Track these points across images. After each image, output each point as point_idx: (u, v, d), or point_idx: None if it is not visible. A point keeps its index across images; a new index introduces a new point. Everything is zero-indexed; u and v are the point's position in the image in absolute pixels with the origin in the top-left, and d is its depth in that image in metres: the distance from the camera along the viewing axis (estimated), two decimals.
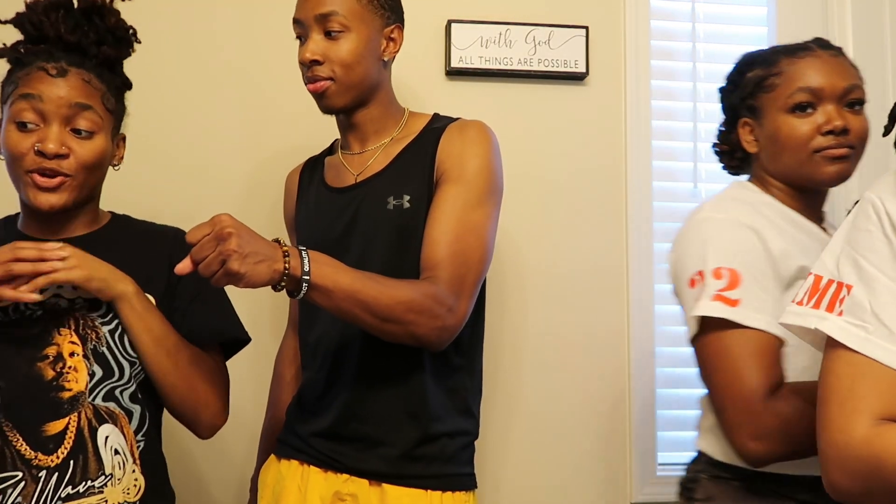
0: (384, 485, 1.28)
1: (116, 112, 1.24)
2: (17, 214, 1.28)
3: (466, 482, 1.34)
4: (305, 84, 1.37)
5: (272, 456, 1.43)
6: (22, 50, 1.21)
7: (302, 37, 1.37)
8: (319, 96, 1.36)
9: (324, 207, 1.42)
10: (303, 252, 1.12)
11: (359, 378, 1.32)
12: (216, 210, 1.70)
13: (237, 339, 1.30)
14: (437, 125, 1.39)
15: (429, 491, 1.29)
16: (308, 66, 1.34)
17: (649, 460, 1.81)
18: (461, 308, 1.26)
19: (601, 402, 1.82)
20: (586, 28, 1.85)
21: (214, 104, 1.77)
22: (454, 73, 1.83)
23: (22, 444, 1.11)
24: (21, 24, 1.21)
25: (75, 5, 1.21)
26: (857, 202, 0.98)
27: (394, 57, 1.41)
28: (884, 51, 1.85)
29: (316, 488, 1.32)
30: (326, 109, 1.38)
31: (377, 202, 1.34)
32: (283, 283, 1.09)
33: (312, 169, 1.51)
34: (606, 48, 1.88)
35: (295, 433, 1.39)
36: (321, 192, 1.45)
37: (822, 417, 0.88)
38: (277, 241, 1.11)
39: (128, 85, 1.28)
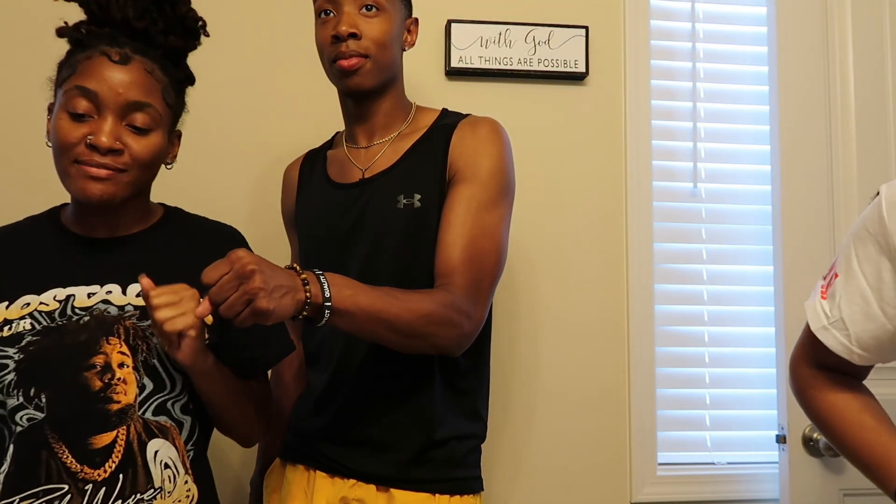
0: (392, 490, 1.27)
1: (175, 107, 1.18)
2: (61, 208, 1.23)
3: (473, 485, 1.33)
4: (333, 61, 1.31)
5: (277, 460, 1.42)
6: (84, 31, 1.14)
7: (330, 11, 1.32)
8: (350, 73, 1.30)
9: (328, 203, 1.38)
10: (320, 276, 1.06)
11: (365, 380, 1.30)
12: (223, 206, 1.71)
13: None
14: (447, 121, 1.37)
15: (437, 495, 1.27)
16: (342, 40, 1.29)
17: (649, 460, 1.81)
18: (478, 313, 1.24)
19: (601, 402, 1.82)
20: (586, 28, 1.84)
21: (220, 101, 1.77)
22: (454, 73, 1.82)
23: (68, 457, 1.05)
24: (87, 3, 1.14)
25: None
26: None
27: (406, 50, 1.40)
28: (884, 51, 1.85)
29: (322, 493, 1.31)
30: (354, 88, 1.32)
31: (387, 200, 1.31)
32: (305, 312, 1.04)
33: (313, 163, 1.48)
34: (606, 48, 1.88)
35: (300, 436, 1.37)
36: (324, 187, 1.41)
37: (797, 344, 1.15)
38: (293, 268, 1.06)
39: (191, 80, 1.22)
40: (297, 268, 1.06)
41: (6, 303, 1.11)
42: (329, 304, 1.06)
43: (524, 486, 1.78)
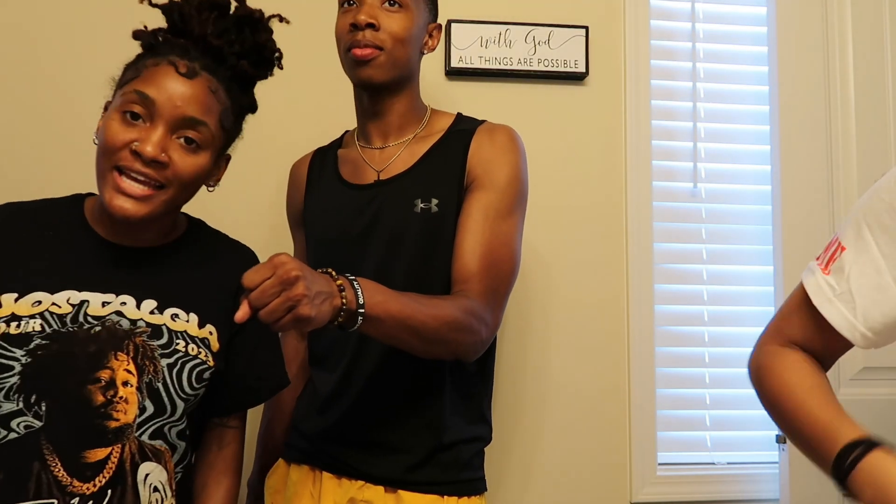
0: (400, 491, 1.27)
1: (231, 132, 1.15)
2: (84, 198, 1.18)
3: (479, 486, 1.34)
4: (348, 50, 1.31)
5: (280, 460, 1.41)
6: (160, 38, 1.11)
7: (353, 1, 1.32)
8: (363, 64, 1.30)
9: (341, 203, 1.37)
10: (354, 282, 1.05)
11: (376, 382, 1.30)
12: (223, 208, 1.71)
13: None
14: (464, 127, 1.37)
15: (445, 497, 1.28)
16: (360, 29, 1.29)
17: (649, 460, 1.81)
18: (494, 320, 1.25)
19: (601, 402, 1.82)
20: (586, 28, 1.84)
21: None
22: (454, 73, 1.82)
23: (60, 470, 1.02)
24: (170, 12, 1.12)
25: (232, 11, 1.13)
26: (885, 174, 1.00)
27: (426, 53, 1.40)
28: (884, 51, 1.85)
29: (329, 494, 1.31)
30: (365, 80, 1.32)
31: (403, 203, 1.31)
32: (340, 318, 1.03)
33: (322, 161, 1.47)
34: (606, 48, 1.88)
35: (304, 436, 1.37)
36: (336, 186, 1.40)
37: (767, 326, 1.08)
38: (329, 273, 1.05)
39: (253, 108, 1.19)
40: (333, 273, 1.05)
41: (16, 294, 1.07)
42: (363, 310, 1.05)
43: (524, 486, 1.78)
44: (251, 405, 1.24)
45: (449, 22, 1.81)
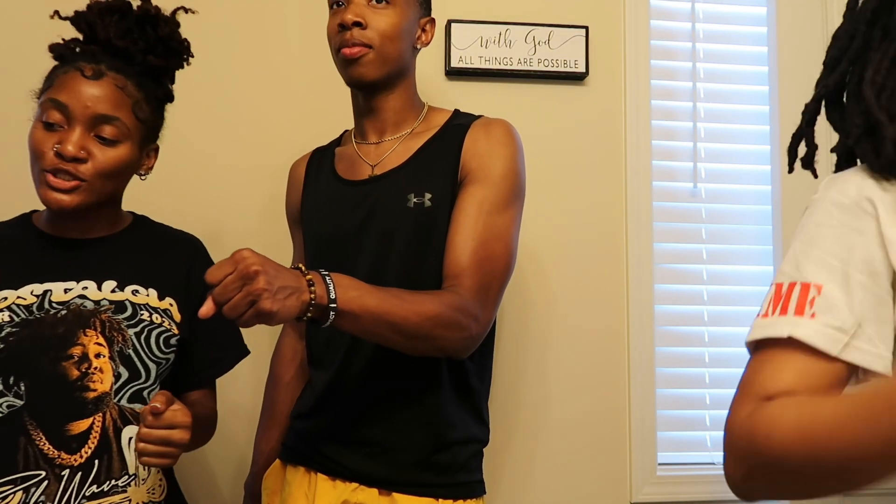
0: (394, 494, 1.26)
1: (149, 122, 1.23)
2: (31, 213, 1.28)
3: (477, 489, 1.32)
4: (338, 50, 1.32)
5: (277, 461, 1.41)
6: (71, 48, 1.22)
7: (342, 2, 1.33)
8: (353, 63, 1.30)
9: (336, 200, 1.37)
10: (326, 277, 1.06)
11: (369, 379, 1.29)
12: (216, 209, 1.72)
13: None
14: (460, 122, 1.36)
15: (440, 500, 1.27)
16: (348, 29, 1.29)
17: (649, 460, 1.81)
18: (486, 316, 1.23)
19: (601, 402, 1.82)
20: (586, 28, 1.84)
21: (217, 102, 1.77)
22: (454, 73, 1.82)
23: (45, 444, 1.11)
24: (77, 22, 1.23)
25: (133, 12, 1.22)
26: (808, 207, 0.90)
27: (420, 48, 1.40)
28: None
29: (324, 496, 1.29)
30: (357, 79, 1.32)
31: (396, 199, 1.30)
32: (309, 313, 1.04)
33: (320, 159, 1.47)
34: (606, 48, 1.88)
35: (300, 437, 1.36)
36: (332, 183, 1.40)
37: (736, 398, 0.84)
38: (298, 268, 1.06)
39: (169, 97, 1.29)
40: (303, 268, 1.06)
41: None
42: (334, 305, 1.05)
43: (523, 486, 1.78)
44: (215, 375, 1.33)
45: (449, 22, 1.81)
